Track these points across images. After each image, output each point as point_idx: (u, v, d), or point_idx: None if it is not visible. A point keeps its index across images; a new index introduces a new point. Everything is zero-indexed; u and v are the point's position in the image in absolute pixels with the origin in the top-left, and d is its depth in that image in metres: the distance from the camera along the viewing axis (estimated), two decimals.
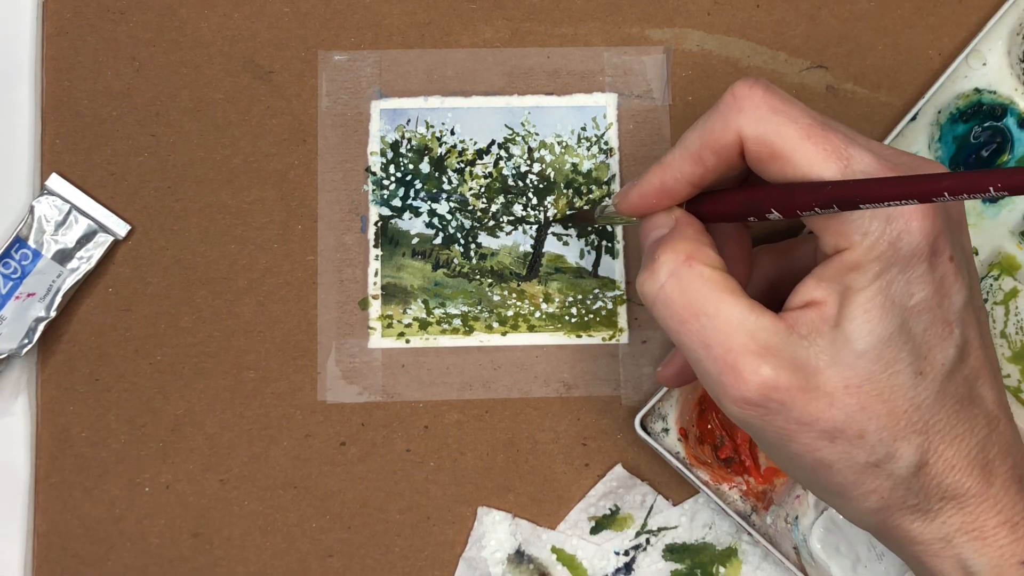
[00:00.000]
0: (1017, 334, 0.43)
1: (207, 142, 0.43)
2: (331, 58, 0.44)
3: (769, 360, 0.30)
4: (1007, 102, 0.44)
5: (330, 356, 0.43)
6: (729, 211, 0.33)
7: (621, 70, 0.44)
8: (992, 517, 0.31)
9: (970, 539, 0.31)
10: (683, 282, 0.31)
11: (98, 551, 0.42)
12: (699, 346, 0.31)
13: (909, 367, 0.30)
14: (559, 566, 0.42)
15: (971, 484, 0.31)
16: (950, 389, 0.31)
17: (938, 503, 0.31)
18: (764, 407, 0.30)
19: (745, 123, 0.31)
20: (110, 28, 0.43)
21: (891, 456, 0.31)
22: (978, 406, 0.32)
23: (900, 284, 0.30)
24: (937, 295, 0.30)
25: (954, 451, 0.31)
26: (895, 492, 0.31)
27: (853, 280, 0.30)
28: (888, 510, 0.32)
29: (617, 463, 0.43)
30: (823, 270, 0.31)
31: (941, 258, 0.30)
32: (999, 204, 0.43)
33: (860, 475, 0.31)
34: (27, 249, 0.42)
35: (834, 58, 0.44)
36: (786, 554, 0.42)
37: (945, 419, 0.31)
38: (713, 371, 0.31)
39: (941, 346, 0.30)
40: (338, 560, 0.42)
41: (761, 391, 0.30)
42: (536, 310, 0.43)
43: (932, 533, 0.32)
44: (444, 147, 0.44)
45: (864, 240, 0.30)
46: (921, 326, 0.30)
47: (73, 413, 0.42)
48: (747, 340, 0.30)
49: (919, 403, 0.30)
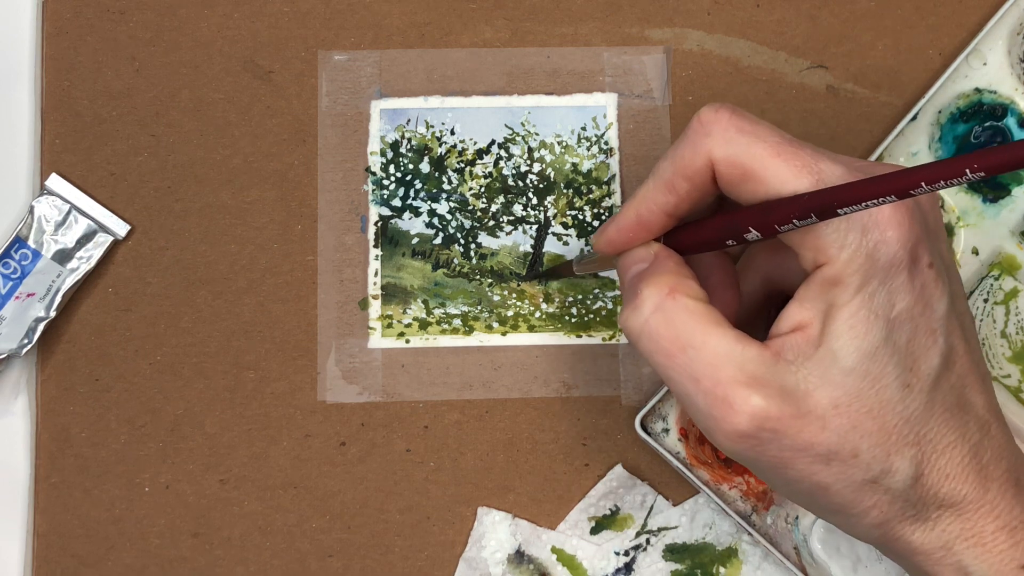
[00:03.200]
0: (1017, 334, 0.43)
1: (207, 142, 0.43)
2: (331, 58, 0.44)
3: (759, 390, 0.30)
4: (1007, 102, 0.44)
5: (330, 356, 0.43)
6: (708, 237, 0.33)
7: (621, 70, 0.44)
8: (990, 523, 0.31)
9: (970, 545, 0.31)
10: (668, 315, 0.31)
11: (98, 551, 0.42)
12: (687, 380, 0.31)
13: (896, 380, 0.30)
14: (559, 566, 0.42)
15: (967, 491, 0.31)
16: (938, 398, 0.31)
17: (936, 511, 0.31)
18: (757, 438, 0.30)
19: (715, 146, 0.31)
20: (110, 28, 0.43)
21: (887, 472, 0.31)
22: (968, 412, 0.31)
23: (882, 295, 0.30)
24: (919, 303, 0.30)
25: (947, 459, 0.31)
26: (894, 506, 0.31)
27: (835, 296, 0.30)
28: (888, 524, 0.32)
29: (617, 463, 0.43)
30: (805, 291, 0.31)
31: (920, 265, 0.30)
32: (999, 204, 0.43)
33: (858, 493, 0.31)
34: (27, 249, 0.42)
35: (834, 58, 0.44)
36: (786, 554, 0.42)
37: (936, 428, 0.31)
38: (703, 405, 0.31)
39: (926, 355, 0.30)
40: (338, 560, 0.42)
41: (753, 422, 0.30)
42: (536, 310, 0.43)
43: (932, 542, 0.32)
44: (444, 147, 0.44)
45: (842, 253, 0.29)
46: (905, 337, 0.30)
47: (73, 413, 0.42)
48: (735, 371, 0.30)
49: (908, 416, 0.30)
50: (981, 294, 0.43)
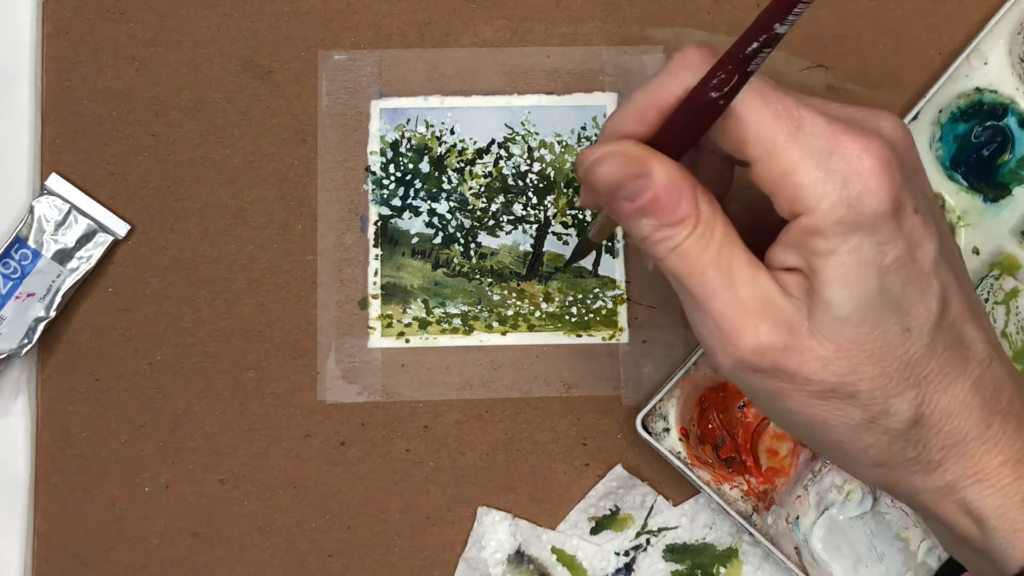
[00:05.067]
0: (1017, 334, 0.43)
1: (207, 142, 0.43)
2: (331, 58, 0.44)
3: (766, 319, 0.30)
4: (1008, 101, 0.43)
5: (330, 356, 0.43)
6: (678, 128, 0.31)
7: (621, 70, 0.44)
8: (994, 458, 0.31)
9: (973, 482, 0.31)
10: (701, 232, 0.31)
11: (98, 551, 0.42)
12: (701, 295, 0.30)
13: (896, 325, 0.30)
14: (559, 566, 0.42)
15: (969, 428, 0.31)
16: (938, 339, 0.31)
17: (939, 452, 0.31)
18: (758, 366, 0.30)
19: (695, 80, 0.30)
20: (110, 28, 0.43)
21: (885, 413, 0.31)
22: (968, 348, 0.31)
23: (870, 246, 0.29)
24: (909, 251, 0.30)
25: (949, 398, 0.31)
26: (893, 446, 0.31)
27: (818, 245, 0.29)
28: (889, 464, 0.32)
29: (617, 463, 0.43)
30: (787, 236, 0.30)
31: (906, 212, 0.30)
32: (1000, 204, 0.43)
33: (856, 431, 0.31)
34: (27, 249, 0.42)
35: (834, 58, 0.44)
36: (787, 554, 0.41)
37: (937, 368, 0.31)
38: (711, 325, 0.31)
39: (923, 299, 0.30)
40: (338, 560, 0.42)
41: (757, 350, 0.30)
42: (536, 310, 0.43)
43: (935, 480, 0.32)
44: (444, 146, 0.44)
45: (821, 204, 0.29)
46: (899, 284, 0.30)
47: (73, 413, 0.42)
48: (749, 296, 0.30)
49: (909, 359, 0.30)
50: (981, 294, 0.43)
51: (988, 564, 0.32)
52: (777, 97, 0.30)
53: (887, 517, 0.42)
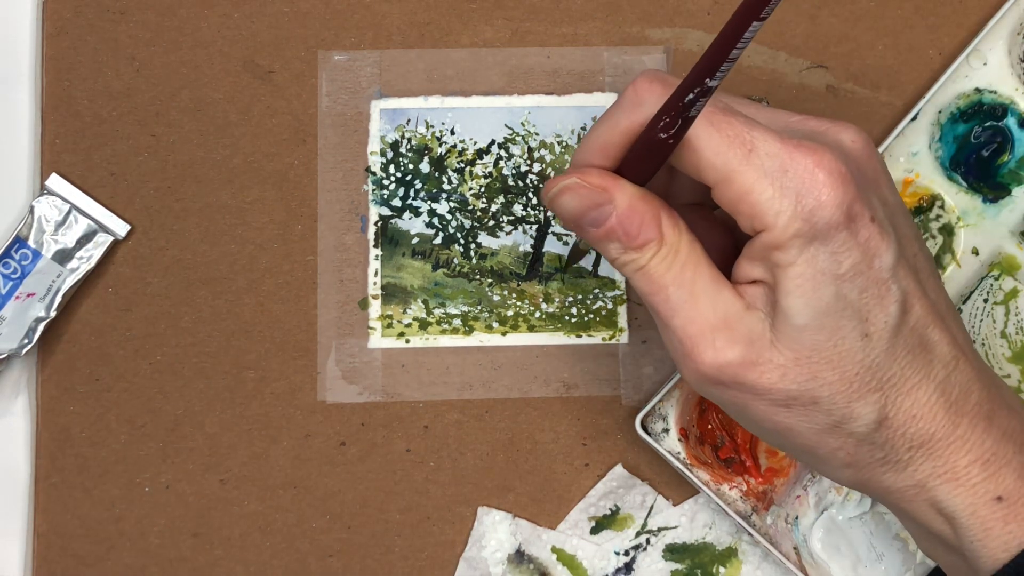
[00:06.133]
0: (1017, 334, 0.43)
1: (207, 142, 0.43)
2: (331, 58, 0.44)
3: (725, 334, 0.31)
4: (1007, 102, 0.44)
5: (330, 356, 0.43)
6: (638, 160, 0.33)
7: (621, 70, 0.44)
8: (963, 457, 0.32)
9: (943, 481, 0.32)
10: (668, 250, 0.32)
11: (98, 551, 0.42)
12: (666, 312, 0.32)
13: (854, 331, 0.31)
14: (559, 566, 0.42)
15: (935, 429, 0.32)
16: (899, 343, 0.31)
17: (907, 453, 0.32)
18: (719, 380, 0.31)
19: (648, 116, 0.31)
20: (110, 28, 0.43)
21: (848, 417, 0.31)
22: (931, 351, 0.32)
23: (825, 256, 0.30)
24: (865, 259, 0.30)
25: (912, 400, 0.31)
26: (861, 448, 0.32)
27: (778, 258, 0.30)
28: (858, 465, 0.32)
29: (617, 463, 0.43)
30: (751, 250, 0.31)
31: (861, 222, 0.30)
32: (999, 204, 0.43)
33: (821, 436, 0.32)
34: (27, 249, 0.42)
35: (834, 58, 0.44)
36: (786, 554, 0.42)
37: (899, 372, 0.31)
38: (675, 341, 0.32)
39: (881, 305, 0.31)
40: (338, 560, 0.42)
41: (714, 365, 0.31)
42: (536, 310, 0.43)
43: (905, 480, 0.32)
44: (444, 147, 0.44)
45: (778, 219, 0.30)
46: (856, 291, 0.31)
47: (73, 413, 0.42)
48: (709, 312, 0.31)
49: (870, 364, 0.31)
50: (981, 294, 0.43)
51: (961, 562, 0.33)
52: (727, 123, 0.31)
53: (886, 517, 0.42)
